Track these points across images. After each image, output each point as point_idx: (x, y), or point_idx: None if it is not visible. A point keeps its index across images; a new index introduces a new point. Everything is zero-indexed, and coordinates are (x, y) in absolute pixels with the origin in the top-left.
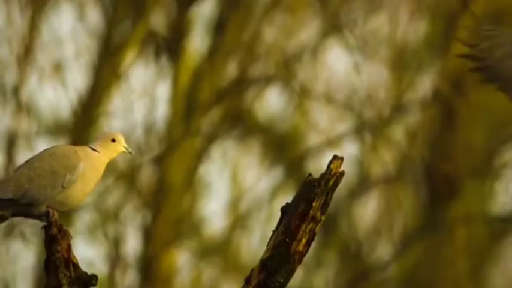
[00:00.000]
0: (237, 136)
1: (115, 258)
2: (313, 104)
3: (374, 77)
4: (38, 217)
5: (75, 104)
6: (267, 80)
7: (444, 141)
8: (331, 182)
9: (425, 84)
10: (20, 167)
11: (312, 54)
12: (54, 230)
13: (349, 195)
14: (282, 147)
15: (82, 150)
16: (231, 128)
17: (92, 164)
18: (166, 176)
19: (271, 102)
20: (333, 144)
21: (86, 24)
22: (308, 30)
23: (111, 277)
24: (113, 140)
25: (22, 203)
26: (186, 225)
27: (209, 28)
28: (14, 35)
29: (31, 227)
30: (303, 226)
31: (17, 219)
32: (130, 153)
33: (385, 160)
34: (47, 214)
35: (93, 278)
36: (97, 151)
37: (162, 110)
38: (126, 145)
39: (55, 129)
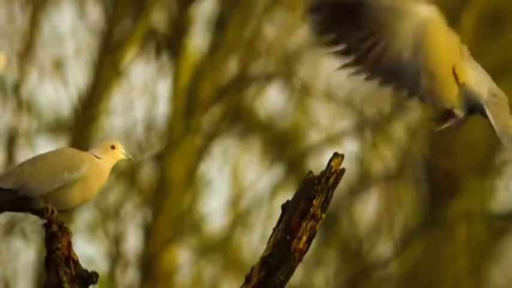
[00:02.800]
0: (238, 134)
1: (115, 256)
2: (314, 101)
3: None
4: (35, 212)
5: (75, 102)
6: (267, 78)
7: (445, 139)
8: (331, 180)
9: None
10: (24, 163)
11: (312, 52)
12: (55, 228)
13: (350, 193)
14: (282, 144)
15: (87, 156)
16: (232, 126)
17: (99, 170)
18: (167, 174)
19: (271, 100)
20: (334, 141)
21: (87, 22)
22: (309, 28)
23: (111, 275)
24: (113, 147)
25: (20, 195)
26: (186, 223)
27: (210, 25)
28: (15, 32)
29: (31, 225)
30: (304, 224)
31: (17, 217)
32: (130, 159)
33: (385, 157)
34: (46, 210)
35: (94, 275)
36: (100, 158)
37: (162, 108)
38: (124, 151)
39: (55, 126)
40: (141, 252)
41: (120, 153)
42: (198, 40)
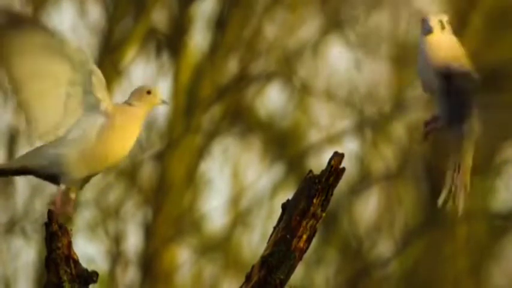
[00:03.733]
0: (238, 133)
1: (116, 255)
2: (314, 100)
3: (375, 73)
4: (56, 181)
5: None
6: (267, 77)
7: (445, 138)
8: (331, 179)
9: None
10: None
11: (312, 51)
12: (55, 227)
13: (350, 192)
14: (282, 144)
15: (117, 104)
16: (232, 125)
17: (129, 115)
18: (167, 173)
19: (272, 99)
20: (334, 140)
21: (87, 21)
22: (309, 27)
23: (111, 274)
24: (149, 93)
25: None
26: (186, 222)
27: (210, 25)
28: None
29: (32, 224)
30: (304, 223)
31: (18, 216)
32: (165, 103)
33: (385, 156)
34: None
35: (94, 274)
36: (133, 105)
37: (162, 107)
38: (161, 97)
39: None
40: (142, 251)
41: (156, 99)
42: (198, 39)
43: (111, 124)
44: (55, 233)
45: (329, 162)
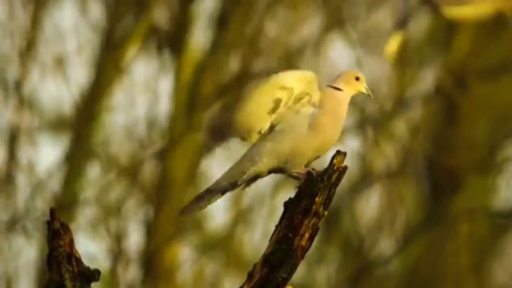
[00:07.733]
0: None
1: (117, 253)
2: None
3: (376, 71)
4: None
5: (77, 99)
6: (269, 75)
7: (447, 136)
8: (333, 177)
9: (427, 78)
10: None
11: (314, 49)
12: (57, 225)
13: (352, 190)
14: None
15: (324, 90)
16: None
17: (336, 102)
18: (169, 171)
19: None
20: None
21: (88, 19)
22: (310, 25)
23: (113, 272)
24: (357, 79)
25: None
26: (188, 220)
27: (211, 23)
28: (16, 29)
29: (33, 222)
30: (306, 221)
31: (19, 215)
32: (370, 95)
33: (387, 155)
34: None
35: (96, 272)
36: (340, 89)
37: (164, 105)
38: (366, 86)
39: (57, 124)
40: (143, 249)
41: (362, 86)
42: (199, 37)
43: (322, 112)
44: (57, 231)
45: (331, 161)
